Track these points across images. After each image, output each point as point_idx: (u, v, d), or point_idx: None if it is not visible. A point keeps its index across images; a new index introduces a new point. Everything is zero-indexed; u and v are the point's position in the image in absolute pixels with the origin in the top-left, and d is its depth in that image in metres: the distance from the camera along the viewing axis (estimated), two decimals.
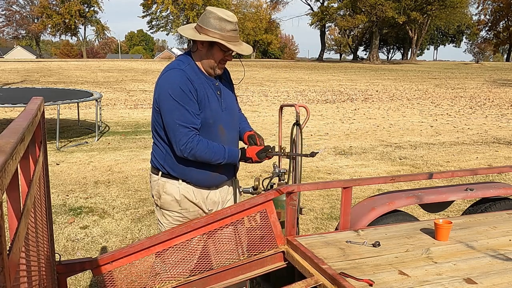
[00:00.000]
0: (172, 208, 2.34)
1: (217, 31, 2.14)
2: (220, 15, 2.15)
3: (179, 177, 2.30)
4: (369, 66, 44.76)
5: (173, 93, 2.14)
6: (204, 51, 2.20)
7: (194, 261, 2.31)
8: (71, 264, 2.20)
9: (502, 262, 2.15)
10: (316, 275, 2.09)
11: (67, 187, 5.77)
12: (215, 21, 2.14)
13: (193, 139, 2.16)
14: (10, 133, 1.04)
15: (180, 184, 2.30)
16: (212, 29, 2.14)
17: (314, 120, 11.87)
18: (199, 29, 2.18)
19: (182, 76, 2.16)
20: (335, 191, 5.56)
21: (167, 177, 2.31)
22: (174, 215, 2.36)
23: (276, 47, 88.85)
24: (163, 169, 2.32)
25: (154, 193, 2.38)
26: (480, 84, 25.42)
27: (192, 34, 2.18)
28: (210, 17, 2.15)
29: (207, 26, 2.15)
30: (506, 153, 8.21)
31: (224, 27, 2.15)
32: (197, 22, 2.24)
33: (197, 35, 2.16)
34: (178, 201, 2.32)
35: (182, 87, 2.14)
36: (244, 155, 2.33)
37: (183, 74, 2.17)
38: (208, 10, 2.19)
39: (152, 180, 2.40)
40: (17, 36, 78.72)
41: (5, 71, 28.13)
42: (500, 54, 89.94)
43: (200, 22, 2.19)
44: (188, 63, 2.24)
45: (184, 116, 2.14)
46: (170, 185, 2.31)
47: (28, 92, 10.42)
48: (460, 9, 54.13)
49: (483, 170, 3.15)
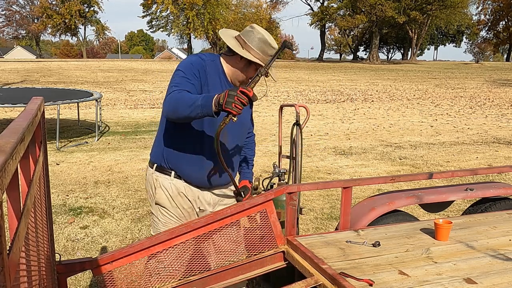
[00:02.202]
0: (166, 203, 2.33)
1: (259, 52, 2.16)
2: (267, 39, 2.18)
3: (172, 170, 2.28)
4: (369, 66, 44.77)
5: (181, 66, 2.14)
6: (241, 65, 2.21)
7: (193, 261, 2.31)
8: (71, 264, 2.20)
9: (502, 262, 2.15)
10: (316, 275, 2.09)
11: (67, 187, 5.77)
12: (260, 43, 2.17)
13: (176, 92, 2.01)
14: (10, 133, 1.04)
15: (172, 180, 2.29)
16: (255, 48, 2.16)
17: (314, 120, 11.87)
18: (242, 43, 2.19)
19: (197, 61, 2.16)
20: (335, 191, 5.56)
21: (161, 172, 2.30)
22: (169, 211, 2.34)
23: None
24: (158, 160, 2.31)
25: (149, 187, 2.38)
26: (480, 84, 25.42)
27: (236, 46, 2.18)
28: (257, 36, 2.17)
29: (251, 43, 2.17)
30: (506, 153, 8.21)
31: (267, 51, 2.18)
32: (240, 34, 2.24)
33: (240, 49, 2.17)
34: (172, 196, 2.30)
35: (194, 64, 2.14)
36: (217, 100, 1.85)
37: (200, 61, 2.17)
38: (256, 29, 2.20)
39: (148, 173, 2.40)
40: (17, 36, 78.72)
41: (5, 71, 28.13)
42: (500, 54, 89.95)
43: (245, 36, 2.19)
44: (213, 59, 2.24)
45: (182, 81, 2.08)
46: (163, 180, 2.30)
47: (28, 92, 10.43)
48: (460, 9, 54.10)
49: (483, 170, 3.16)
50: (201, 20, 60.47)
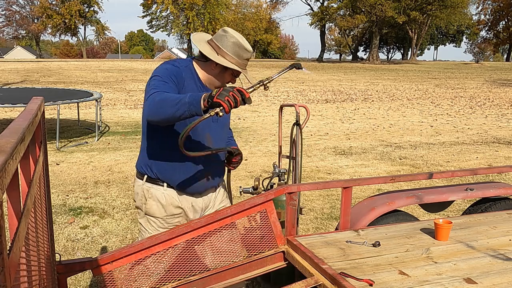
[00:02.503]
0: (157, 214, 2.28)
1: (234, 57, 2.12)
2: (241, 43, 2.13)
3: (164, 181, 2.24)
4: (369, 66, 44.77)
5: (156, 72, 2.09)
6: (216, 71, 2.17)
7: (193, 261, 2.31)
8: (71, 264, 2.20)
9: (502, 262, 2.15)
10: (316, 275, 2.09)
11: (67, 187, 5.77)
12: (235, 47, 2.12)
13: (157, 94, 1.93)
14: (11, 133, 1.04)
15: (165, 190, 2.24)
16: (230, 53, 2.12)
17: (314, 120, 11.88)
18: (216, 48, 2.13)
19: (172, 68, 2.11)
20: (335, 191, 5.56)
21: (152, 182, 2.26)
22: (159, 221, 2.30)
23: (276, 47, 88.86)
24: (149, 172, 2.26)
25: (139, 199, 2.31)
26: (480, 84, 25.43)
27: (210, 52, 2.12)
28: (230, 40, 2.12)
29: (226, 48, 2.12)
30: (506, 153, 8.21)
31: (242, 54, 2.14)
32: (213, 38, 2.18)
33: (215, 55, 2.12)
34: (164, 206, 2.26)
35: (168, 69, 2.09)
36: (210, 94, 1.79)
37: (174, 68, 2.12)
38: (230, 33, 2.15)
39: (136, 185, 2.34)
40: (17, 36, 78.70)
41: (5, 71, 28.13)
42: (500, 54, 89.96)
43: (218, 41, 2.14)
44: (186, 65, 2.19)
45: (159, 84, 2.01)
46: (155, 190, 2.25)
47: (28, 92, 10.43)
48: (460, 9, 54.10)
49: (483, 170, 3.16)
50: (201, 20, 60.48)
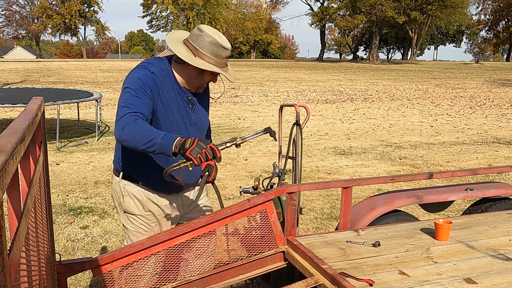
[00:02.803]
0: (136, 211, 2.24)
1: (212, 57, 2.03)
2: (218, 41, 2.03)
3: (139, 180, 2.20)
4: (369, 66, 44.78)
5: (130, 83, 2.00)
6: (194, 74, 2.08)
7: (193, 261, 2.31)
8: (71, 264, 2.20)
9: (502, 262, 2.15)
10: (316, 275, 2.09)
11: (67, 187, 5.77)
12: (212, 46, 2.02)
13: (131, 116, 1.87)
14: (11, 133, 1.04)
15: (141, 187, 2.21)
16: (208, 53, 2.02)
17: (314, 120, 11.88)
18: (193, 50, 2.03)
19: (147, 76, 2.02)
20: (335, 191, 5.56)
21: (128, 180, 2.21)
22: (139, 219, 2.27)
23: (276, 47, 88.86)
24: (124, 170, 2.22)
25: (117, 196, 2.27)
26: (480, 84, 25.43)
27: (187, 55, 2.02)
28: (207, 40, 2.02)
29: (203, 49, 2.02)
30: (506, 153, 8.21)
31: (220, 53, 2.05)
32: (188, 38, 2.07)
33: (192, 57, 2.02)
34: (141, 203, 2.22)
35: (144, 80, 2.00)
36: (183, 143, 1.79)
37: (150, 75, 2.03)
38: (206, 32, 2.04)
39: (114, 181, 2.29)
40: (17, 36, 78.74)
41: (5, 71, 28.14)
42: (500, 54, 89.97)
43: (194, 42, 2.04)
44: (163, 68, 2.09)
45: (135, 101, 1.93)
46: (131, 188, 2.22)
47: (28, 92, 10.43)
48: (460, 9, 54.11)
49: (483, 170, 3.16)
50: (201, 20, 60.48)
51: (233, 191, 5.52)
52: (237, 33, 69.21)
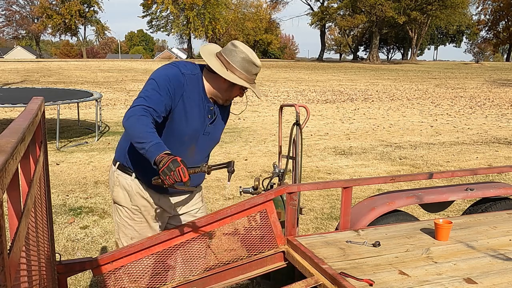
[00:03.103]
0: (123, 202, 2.26)
1: (244, 72, 2.10)
2: (251, 58, 2.11)
3: (133, 171, 2.22)
4: (369, 66, 44.78)
5: (156, 76, 2.04)
6: (224, 86, 2.14)
7: (193, 261, 2.31)
8: (71, 264, 2.20)
9: (502, 262, 2.15)
10: (316, 275, 2.09)
11: (67, 187, 5.77)
12: (244, 62, 2.10)
13: (140, 109, 1.93)
14: (11, 133, 1.04)
15: (133, 180, 2.22)
16: (239, 68, 2.10)
17: (314, 120, 11.88)
18: (226, 64, 2.10)
19: (176, 76, 2.06)
20: (335, 191, 5.56)
21: (122, 170, 2.25)
22: (125, 211, 2.27)
23: (276, 47, 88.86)
24: (122, 159, 2.25)
25: (110, 185, 2.32)
26: (480, 84, 25.43)
27: (219, 68, 2.09)
28: (240, 56, 2.10)
29: (235, 64, 2.09)
30: (506, 153, 8.22)
31: (251, 70, 2.13)
32: (222, 52, 2.14)
33: (224, 70, 2.08)
34: (129, 195, 2.23)
35: (171, 78, 2.04)
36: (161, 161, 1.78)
37: (180, 75, 2.07)
38: (239, 48, 2.12)
39: (110, 171, 2.36)
40: (17, 36, 78.69)
41: (5, 71, 28.14)
42: (500, 54, 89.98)
43: (228, 56, 2.11)
44: (194, 73, 2.14)
45: (152, 94, 1.98)
46: (123, 179, 2.24)
47: (28, 92, 10.43)
48: (460, 9, 54.09)
49: (483, 170, 3.16)
50: (201, 20, 60.50)
51: (233, 191, 5.52)
52: (237, 33, 69.19)
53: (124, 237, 2.31)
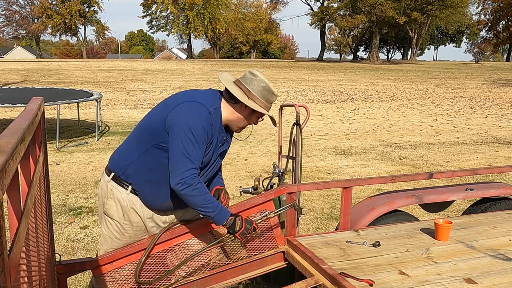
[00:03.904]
0: (115, 216, 2.19)
1: (263, 101, 2.19)
2: (270, 88, 2.20)
3: (130, 184, 2.16)
4: (369, 66, 44.78)
5: (194, 128, 2.05)
6: (245, 114, 2.20)
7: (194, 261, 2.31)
8: (71, 264, 2.20)
9: (502, 262, 2.15)
10: (316, 275, 2.09)
11: (67, 187, 5.77)
12: (264, 91, 2.18)
13: (196, 178, 2.05)
14: (11, 133, 1.04)
15: (128, 194, 2.16)
16: (260, 97, 2.18)
17: (314, 120, 11.88)
18: (247, 92, 2.17)
19: (208, 118, 2.11)
20: (335, 191, 5.56)
21: (117, 182, 2.18)
22: (116, 225, 2.20)
23: (276, 47, 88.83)
24: (117, 170, 2.18)
25: (102, 195, 2.23)
26: (480, 84, 25.43)
27: (241, 95, 2.15)
28: (261, 85, 2.18)
29: (256, 93, 2.17)
30: (506, 153, 8.21)
31: (270, 99, 2.21)
32: (241, 80, 2.20)
33: (246, 98, 2.15)
34: (123, 209, 2.17)
35: (205, 127, 2.09)
36: (233, 224, 2.12)
37: (209, 117, 2.12)
38: (259, 77, 2.20)
39: (102, 179, 2.26)
40: (17, 36, 78.66)
41: (5, 71, 28.14)
42: (500, 54, 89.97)
43: (248, 85, 2.18)
44: (216, 106, 2.17)
45: (195, 153, 2.06)
46: (118, 192, 2.17)
47: (28, 92, 10.42)
48: (461, 9, 54.06)
49: (483, 170, 3.16)
50: (201, 20, 60.49)
51: (233, 191, 5.51)
52: (237, 33, 69.17)
53: (109, 250, 2.25)
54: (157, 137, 2.10)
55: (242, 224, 2.10)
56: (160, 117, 2.11)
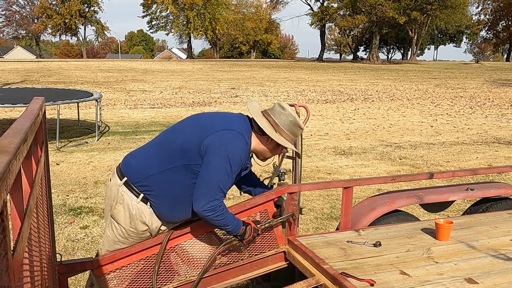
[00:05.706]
0: (122, 221, 2.15)
1: (290, 134, 2.22)
2: (298, 122, 2.23)
3: (141, 193, 2.12)
4: (369, 66, 44.77)
5: (232, 158, 2.08)
6: (271, 146, 2.24)
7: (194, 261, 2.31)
8: (72, 264, 2.20)
9: (503, 262, 2.15)
10: (317, 275, 2.09)
11: (67, 187, 5.77)
12: (291, 125, 2.21)
13: (222, 204, 2.11)
14: (13, 133, 1.04)
15: (138, 203, 2.12)
16: (287, 131, 2.21)
17: (314, 120, 11.88)
18: (275, 125, 2.20)
19: (245, 150, 2.16)
20: (335, 191, 5.56)
21: (129, 188, 2.12)
22: (121, 230, 2.17)
23: (276, 47, 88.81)
24: (131, 176, 2.13)
25: (112, 198, 2.18)
26: (480, 84, 25.43)
27: (270, 130, 2.18)
28: (289, 119, 2.21)
29: (284, 127, 2.20)
30: (506, 153, 8.22)
31: (296, 132, 2.25)
32: (269, 113, 2.22)
33: (273, 132, 2.19)
34: (131, 217, 2.13)
35: (242, 158, 2.14)
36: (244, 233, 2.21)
37: (247, 148, 2.17)
38: (288, 111, 2.22)
39: (113, 181, 2.19)
40: (17, 36, 78.63)
41: (5, 71, 28.13)
42: (500, 54, 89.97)
43: (277, 118, 2.20)
44: (248, 135, 2.20)
45: (227, 183, 2.11)
46: (129, 198, 2.12)
47: (28, 92, 10.42)
48: (461, 9, 54.06)
49: (483, 170, 3.16)
50: (201, 20, 60.48)
51: (233, 191, 5.52)
52: (237, 33, 69.15)
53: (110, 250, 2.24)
54: (188, 158, 2.08)
55: (251, 233, 2.21)
56: (195, 139, 2.09)
